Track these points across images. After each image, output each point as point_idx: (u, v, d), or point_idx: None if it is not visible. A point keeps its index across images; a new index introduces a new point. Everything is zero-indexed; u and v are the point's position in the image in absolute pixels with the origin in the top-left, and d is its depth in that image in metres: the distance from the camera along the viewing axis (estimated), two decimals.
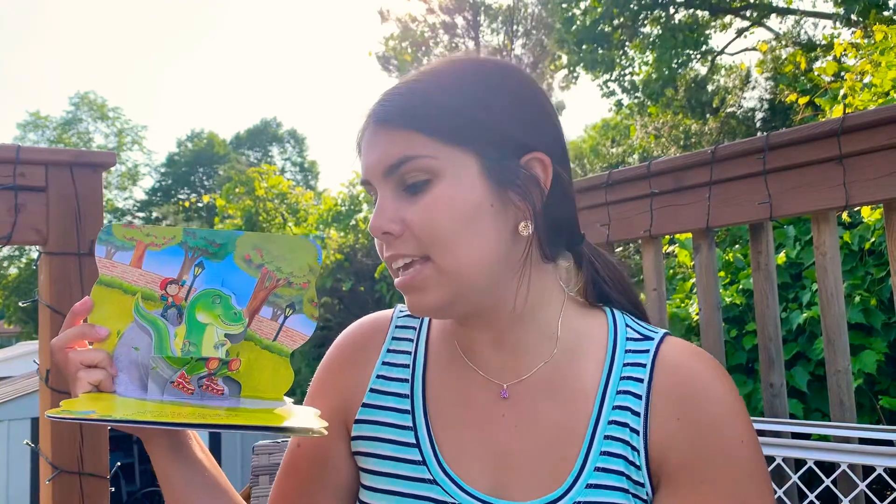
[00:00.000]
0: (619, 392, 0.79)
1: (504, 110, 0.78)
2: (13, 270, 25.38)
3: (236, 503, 0.86)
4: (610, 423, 0.78)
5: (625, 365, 0.81)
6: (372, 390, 0.89)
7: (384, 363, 0.90)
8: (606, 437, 0.78)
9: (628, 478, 0.77)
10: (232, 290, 0.79)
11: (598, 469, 0.77)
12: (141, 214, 34.07)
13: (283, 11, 71.19)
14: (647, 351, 0.81)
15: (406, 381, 0.88)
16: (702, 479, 0.75)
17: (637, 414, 0.78)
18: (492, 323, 0.82)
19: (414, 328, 0.92)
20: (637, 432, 0.77)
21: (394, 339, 0.92)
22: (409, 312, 0.92)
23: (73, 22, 67.32)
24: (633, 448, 0.77)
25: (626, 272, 0.92)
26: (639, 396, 0.78)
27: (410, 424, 0.85)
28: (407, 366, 0.89)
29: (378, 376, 0.89)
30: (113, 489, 1.44)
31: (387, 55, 16.96)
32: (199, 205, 27.86)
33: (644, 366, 0.80)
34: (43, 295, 1.42)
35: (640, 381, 0.79)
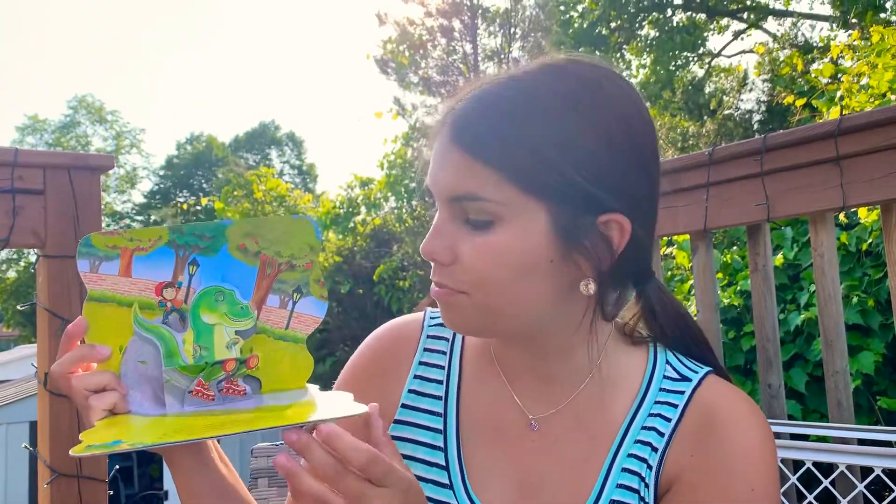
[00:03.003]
0: (643, 428, 0.77)
1: (591, 158, 0.69)
2: (11, 274, 25.33)
3: None
4: (629, 455, 0.76)
5: (656, 403, 0.78)
6: (404, 406, 0.85)
7: (416, 377, 0.86)
8: (624, 470, 0.76)
9: None
10: (233, 284, 0.74)
11: (613, 502, 0.75)
12: (139, 217, 34.03)
13: (281, 14, 71.25)
14: (683, 392, 0.78)
15: (439, 398, 0.85)
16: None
17: (656, 450, 0.76)
18: (535, 353, 0.79)
19: (447, 339, 0.88)
20: (652, 468, 0.75)
21: (426, 350, 0.88)
22: (440, 320, 0.89)
23: (72, 25, 67.35)
24: (646, 484, 0.75)
25: (691, 320, 0.84)
26: (662, 434, 0.76)
27: (441, 445, 0.82)
28: (441, 382, 0.85)
29: (410, 391, 0.86)
30: (111, 492, 1.44)
31: (385, 58, 16.96)
32: (198, 208, 27.83)
33: (676, 406, 0.77)
34: (41, 298, 1.41)
35: (669, 420, 0.77)
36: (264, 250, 0.74)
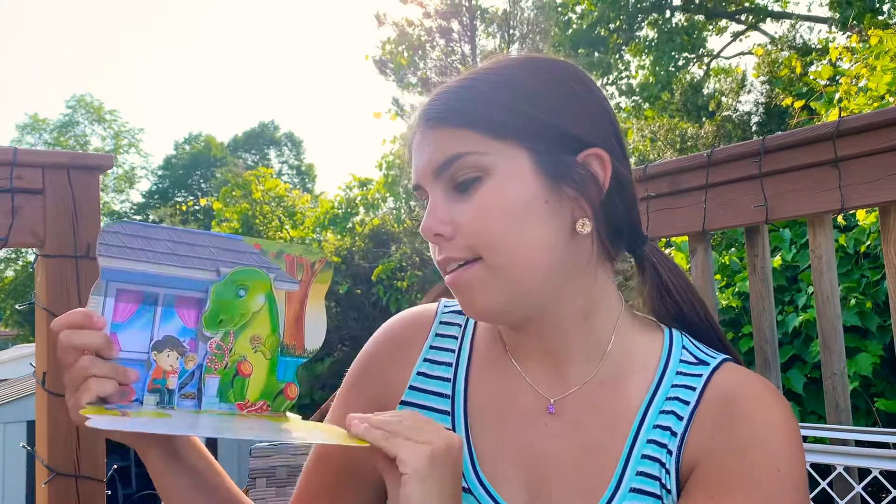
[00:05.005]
0: (661, 412, 0.76)
1: (557, 104, 0.76)
2: (10, 273, 25.32)
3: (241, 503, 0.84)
4: (649, 441, 0.75)
5: (673, 386, 0.77)
6: (412, 388, 0.85)
7: (426, 360, 0.86)
8: (644, 457, 0.75)
9: (661, 500, 0.73)
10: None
11: (633, 490, 0.74)
12: (138, 217, 34.01)
13: (280, 15, 71.23)
14: (700, 375, 0.77)
15: (448, 380, 0.84)
16: (718, 489, 0.70)
17: (675, 434, 0.75)
18: (544, 329, 0.78)
19: (459, 325, 0.88)
20: (672, 453, 0.74)
21: (437, 335, 0.88)
22: (454, 308, 0.89)
23: (71, 25, 67.28)
24: (667, 470, 0.74)
25: (702, 303, 0.85)
26: (681, 418, 0.75)
27: (449, 427, 0.82)
28: (450, 364, 0.85)
29: (419, 373, 0.86)
30: (109, 492, 1.44)
31: (383, 59, 16.95)
32: (196, 208, 27.81)
33: (694, 389, 0.76)
34: (39, 298, 1.41)
35: (687, 403, 0.76)
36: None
